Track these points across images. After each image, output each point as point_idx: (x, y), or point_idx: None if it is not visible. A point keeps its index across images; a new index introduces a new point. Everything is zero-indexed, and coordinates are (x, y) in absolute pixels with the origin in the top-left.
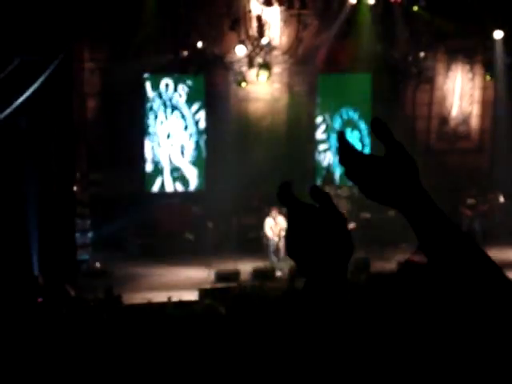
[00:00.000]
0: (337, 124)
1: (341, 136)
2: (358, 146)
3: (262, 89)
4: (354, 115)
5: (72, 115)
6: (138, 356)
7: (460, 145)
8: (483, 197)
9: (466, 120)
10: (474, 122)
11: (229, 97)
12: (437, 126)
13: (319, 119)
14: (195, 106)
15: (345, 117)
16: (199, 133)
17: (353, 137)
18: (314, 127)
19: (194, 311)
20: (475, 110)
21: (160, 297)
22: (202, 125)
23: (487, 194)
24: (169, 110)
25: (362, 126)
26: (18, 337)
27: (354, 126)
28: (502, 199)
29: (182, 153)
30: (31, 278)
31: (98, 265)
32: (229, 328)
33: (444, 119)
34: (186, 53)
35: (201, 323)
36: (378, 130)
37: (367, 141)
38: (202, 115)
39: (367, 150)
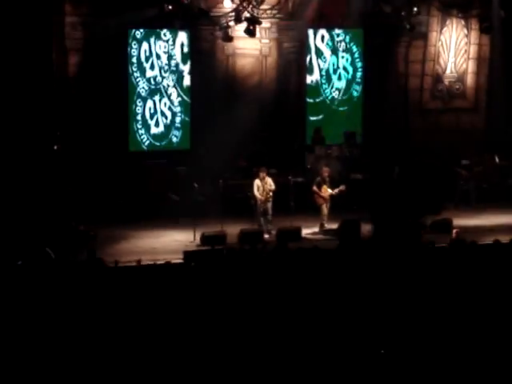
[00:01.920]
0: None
1: None
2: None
3: (250, 45)
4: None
5: (53, 70)
6: (121, 317)
7: (454, 104)
8: (479, 158)
9: (460, 78)
10: (469, 79)
11: (215, 53)
12: (430, 84)
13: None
14: (180, 63)
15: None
16: (185, 91)
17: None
18: (305, 85)
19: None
20: (470, 67)
21: (144, 259)
22: (188, 82)
23: (483, 155)
24: (153, 66)
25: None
26: None
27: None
28: (497, 160)
29: (167, 112)
30: (12, 240)
31: (81, 228)
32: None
33: (438, 77)
34: (170, 7)
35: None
36: None
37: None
38: (187, 72)
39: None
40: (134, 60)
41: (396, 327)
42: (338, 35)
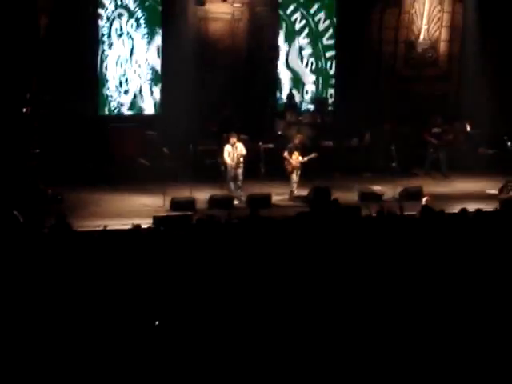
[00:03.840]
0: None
1: None
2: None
3: (223, 9)
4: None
5: (23, 31)
6: (89, 282)
7: (427, 72)
8: (450, 126)
9: (433, 45)
10: (442, 47)
11: (186, 16)
12: (404, 51)
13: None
14: (151, 26)
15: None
16: (155, 55)
17: None
18: (276, 49)
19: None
20: (443, 35)
21: (113, 224)
22: (158, 45)
23: (454, 123)
24: (124, 29)
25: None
26: None
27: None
28: (468, 128)
29: (137, 75)
30: None
31: (49, 191)
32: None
33: (411, 44)
34: None
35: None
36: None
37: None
38: (158, 35)
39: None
40: (103, 23)
41: (365, 298)
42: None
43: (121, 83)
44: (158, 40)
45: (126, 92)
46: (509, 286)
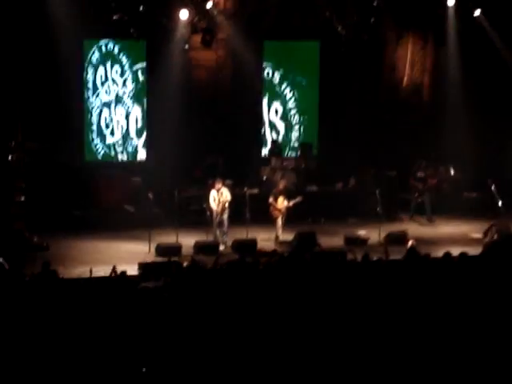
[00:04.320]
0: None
1: None
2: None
3: (206, 56)
4: (303, 80)
5: (7, 78)
6: (75, 329)
7: (410, 116)
8: (434, 170)
9: (416, 90)
10: (425, 92)
11: (171, 64)
12: (386, 96)
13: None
14: (136, 73)
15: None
16: (140, 101)
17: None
18: (260, 97)
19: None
20: (426, 80)
21: (99, 271)
22: (144, 93)
23: (438, 167)
24: (108, 75)
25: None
26: None
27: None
28: (452, 172)
29: (123, 122)
30: None
31: (35, 239)
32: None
33: (394, 89)
34: (126, 17)
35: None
36: None
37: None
38: (143, 82)
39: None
40: (90, 85)
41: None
42: (294, 47)
43: (106, 127)
44: (143, 87)
45: (112, 134)
46: (493, 328)
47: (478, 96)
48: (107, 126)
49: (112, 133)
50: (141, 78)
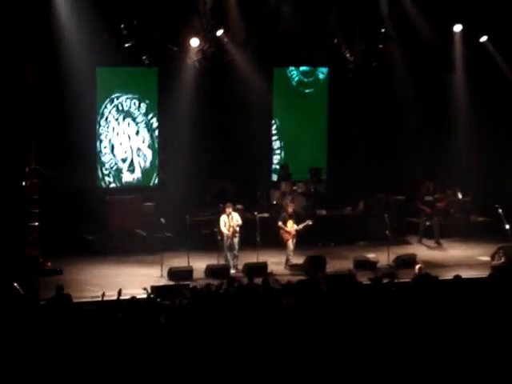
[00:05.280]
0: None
1: None
2: None
3: (216, 82)
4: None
5: (21, 107)
6: (88, 353)
7: (418, 141)
8: (442, 194)
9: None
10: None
11: (183, 90)
12: (393, 121)
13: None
14: (148, 101)
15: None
16: (152, 128)
17: None
18: (270, 123)
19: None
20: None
21: (111, 295)
22: (156, 119)
23: (446, 191)
24: (121, 106)
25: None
26: None
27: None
28: (460, 196)
29: (135, 149)
30: None
31: (49, 264)
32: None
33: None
34: (138, 45)
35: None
36: None
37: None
38: (155, 110)
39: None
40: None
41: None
42: (304, 73)
43: (117, 151)
44: (155, 115)
45: (125, 165)
46: (502, 350)
47: (487, 121)
48: (118, 154)
49: (124, 159)
50: (153, 105)
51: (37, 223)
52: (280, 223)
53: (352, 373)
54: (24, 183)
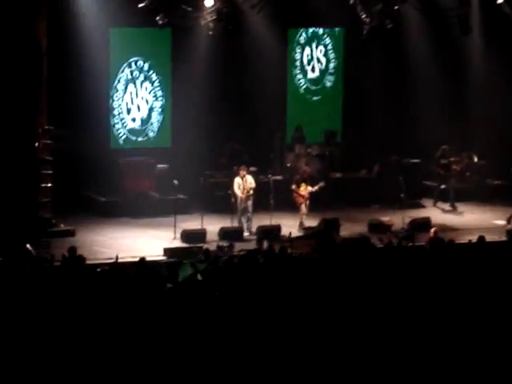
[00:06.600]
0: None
1: None
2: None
3: (231, 44)
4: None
5: (33, 68)
6: (101, 315)
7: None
8: (457, 157)
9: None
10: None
11: (197, 51)
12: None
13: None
14: (162, 63)
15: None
16: (166, 90)
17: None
18: (284, 82)
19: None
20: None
21: (124, 256)
22: (169, 81)
23: (461, 154)
24: (135, 66)
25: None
26: None
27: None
28: (475, 159)
29: (149, 109)
30: None
31: (61, 225)
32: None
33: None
34: (152, 5)
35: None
36: None
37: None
38: (168, 72)
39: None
40: (115, 60)
41: (375, 329)
42: (319, 33)
43: (129, 111)
44: (168, 76)
45: (133, 122)
46: None
47: (503, 84)
48: (128, 111)
49: (137, 121)
50: (167, 63)
51: (50, 184)
52: (293, 186)
53: (363, 337)
54: (37, 144)
